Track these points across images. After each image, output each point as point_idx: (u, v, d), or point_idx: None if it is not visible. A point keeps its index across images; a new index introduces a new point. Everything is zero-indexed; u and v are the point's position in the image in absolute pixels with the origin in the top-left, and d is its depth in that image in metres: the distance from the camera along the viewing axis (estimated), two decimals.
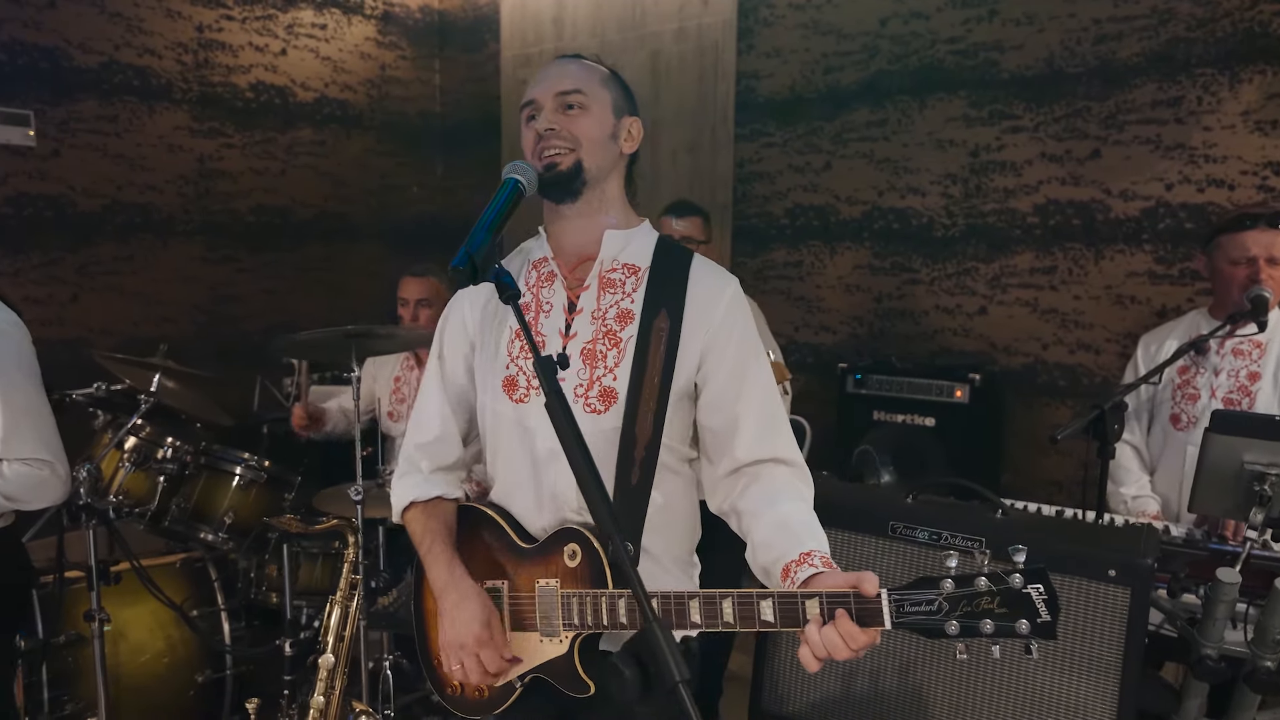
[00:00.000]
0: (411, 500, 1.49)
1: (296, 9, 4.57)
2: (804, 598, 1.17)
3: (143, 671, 2.81)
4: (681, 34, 4.36)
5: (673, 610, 1.24)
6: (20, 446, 1.95)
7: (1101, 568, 1.50)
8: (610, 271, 1.45)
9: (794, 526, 1.31)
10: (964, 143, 3.56)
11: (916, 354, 3.69)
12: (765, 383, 1.44)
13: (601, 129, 1.41)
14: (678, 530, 1.48)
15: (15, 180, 3.66)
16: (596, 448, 1.36)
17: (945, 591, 1.09)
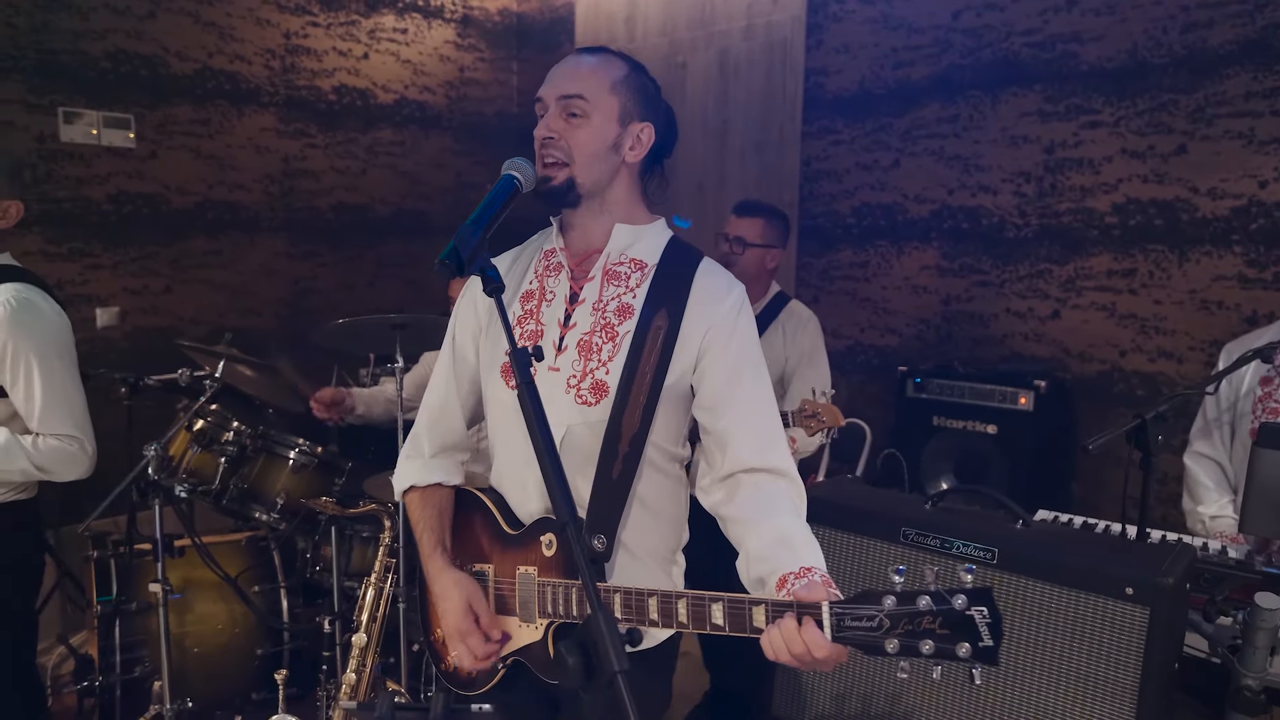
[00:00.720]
0: (411, 484, 1.53)
1: (379, 14, 4.73)
2: (751, 604, 1.15)
3: (207, 641, 2.97)
4: (750, 31, 4.32)
5: (634, 605, 1.24)
6: (54, 423, 2.08)
7: (1118, 584, 1.41)
8: (616, 264, 1.46)
9: (794, 542, 1.28)
10: (1038, 139, 3.41)
11: (985, 359, 3.56)
12: (763, 392, 1.43)
13: (600, 140, 1.41)
14: (661, 528, 1.48)
15: (116, 179, 3.91)
16: (582, 439, 1.39)
17: (886, 608, 1.05)
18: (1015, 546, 1.54)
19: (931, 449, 3.31)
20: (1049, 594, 1.49)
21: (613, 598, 1.26)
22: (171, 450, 2.88)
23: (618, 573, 1.41)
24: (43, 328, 2.08)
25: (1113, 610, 1.42)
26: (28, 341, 2.04)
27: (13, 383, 2.04)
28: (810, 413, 2.41)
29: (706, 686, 3.23)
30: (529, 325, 1.46)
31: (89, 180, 3.84)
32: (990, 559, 1.55)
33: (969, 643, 1.00)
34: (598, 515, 1.37)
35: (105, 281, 3.93)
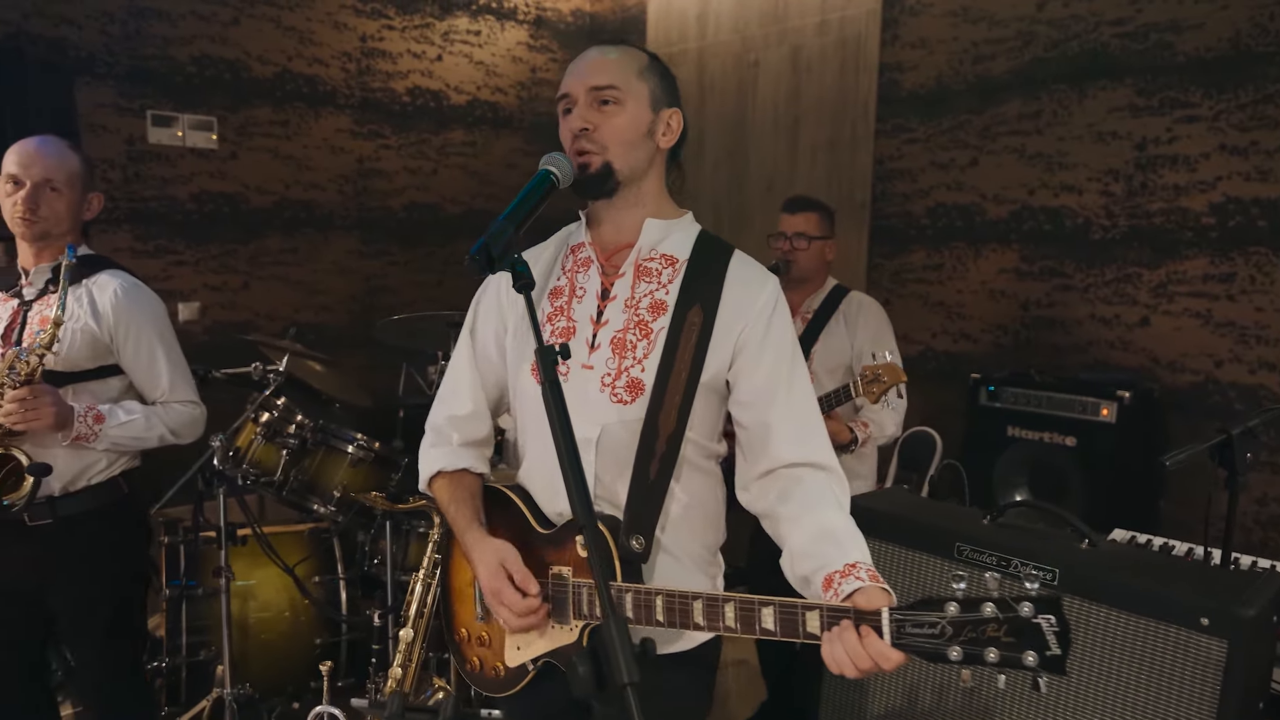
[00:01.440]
0: (439, 469, 1.50)
1: (453, 17, 4.78)
2: (804, 609, 1.10)
3: (269, 628, 3.03)
4: (823, 27, 4.21)
5: (676, 610, 1.20)
6: (180, 391, 2.23)
7: (1193, 614, 1.28)
8: (648, 260, 1.42)
9: (838, 535, 1.24)
10: (1128, 135, 3.22)
11: (1067, 367, 3.37)
12: (802, 384, 1.39)
13: (636, 127, 1.38)
14: (698, 528, 1.43)
15: (199, 179, 4.05)
16: (618, 438, 1.36)
17: (949, 615, 1.00)
18: (1079, 568, 1.42)
19: (1005, 461, 3.15)
20: (1116, 621, 1.37)
21: (655, 600, 1.22)
22: (239, 441, 2.95)
23: (658, 575, 1.37)
24: (153, 307, 2.22)
25: (1186, 641, 1.30)
26: (148, 320, 2.17)
27: (135, 360, 2.16)
28: (870, 377, 2.33)
29: (764, 696, 3.15)
30: (559, 322, 1.43)
31: (174, 180, 3.98)
32: (1051, 580, 1.44)
33: (1035, 651, 0.96)
34: (636, 516, 1.33)
35: (187, 277, 4.07)
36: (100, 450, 2.11)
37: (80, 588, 2.18)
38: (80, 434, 2.05)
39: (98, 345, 2.12)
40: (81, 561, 2.16)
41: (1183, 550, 1.71)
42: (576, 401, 1.35)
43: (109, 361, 2.15)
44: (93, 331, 2.11)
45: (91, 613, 2.20)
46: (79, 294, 2.13)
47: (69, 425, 2.03)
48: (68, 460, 2.09)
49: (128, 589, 2.30)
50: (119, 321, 2.12)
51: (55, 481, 2.10)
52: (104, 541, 2.19)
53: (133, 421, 2.11)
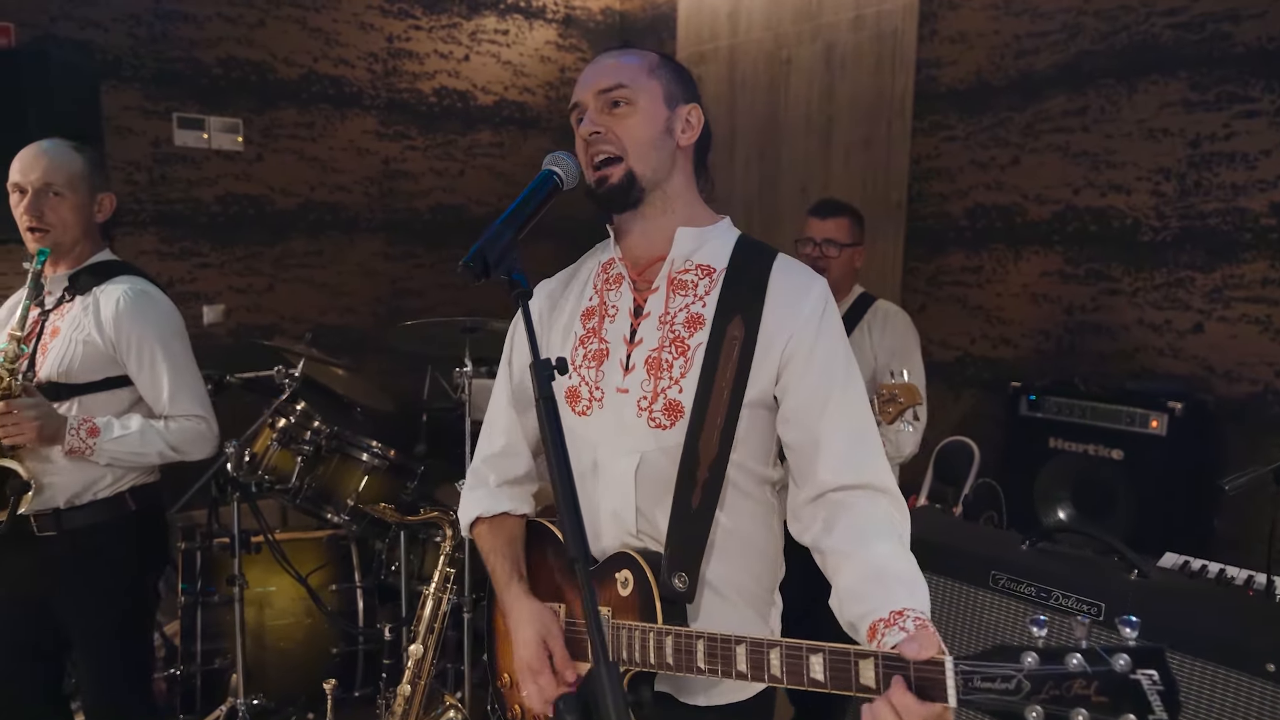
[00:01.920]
0: (478, 515, 1.42)
1: (481, 16, 4.73)
2: (857, 656, 0.97)
3: (286, 636, 2.97)
4: (858, 22, 4.08)
5: (719, 654, 1.09)
6: (183, 405, 2.13)
7: (1256, 659, 1.15)
8: (682, 273, 1.31)
9: (888, 577, 1.10)
10: (1181, 131, 3.05)
11: (1113, 375, 3.21)
12: (855, 398, 1.25)
13: (652, 126, 1.29)
14: (750, 562, 1.31)
15: (224, 181, 4.03)
16: (658, 466, 1.25)
17: (1026, 668, 0.85)
18: (1126, 601, 1.30)
19: (1047, 474, 3.00)
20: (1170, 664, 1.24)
21: (695, 644, 1.11)
22: (256, 447, 2.90)
23: (704, 617, 1.26)
24: (160, 315, 2.14)
25: (1248, 690, 1.17)
26: (151, 330, 2.09)
27: (139, 370, 2.09)
28: (887, 396, 2.20)
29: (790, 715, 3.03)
30: (592, 344, 1.33)
31: (199, 182, 3.97)
32: (1096, 615, 1.31)
33: (1135, 714, 0.81)
34: (678, 551, 1.22)
35: (212, 280, 4.05)
36: (102, 465, 2.05)
37: (83, 600, 2.14)
38: (74, 447, 1.98)
39: (101, 356, 2.06)
40: (84, 575, 2.12)
41: (1241, 578, 1.56)
42: (613, 428, 1.28)
43: (115, 373, 2.09)
44: (95, 342, 2.05)
45: (94, 626, 2.16)
46: (88, 303, 2.08)
47: (59, 438, 1.96)
48: (71, 474, 2.04)
49: (131, 604, 2.25)
50: (120, 331, 2.06)
51: (59, 494, 2.05)
52: (107, 557, 2.13)
53: (128, 436, 2.03)
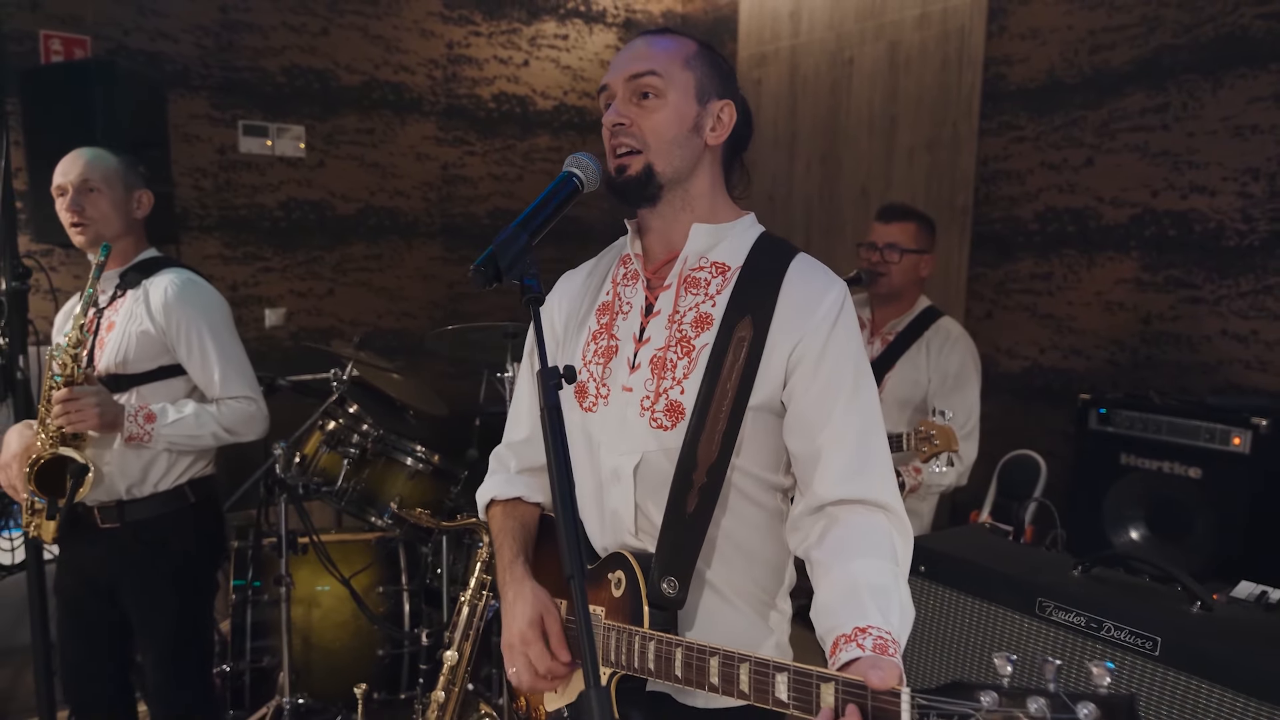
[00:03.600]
0: (492, 498, 1.43)
1: (540, 21, 4.74)
2: (819, 680, 0.93)
3: (332, 637, 3.00)
4: (924, 20, 3.95)
5: (694, 665, 1.06)
6: (233, 387, 2.22)
7: None
8: (695, 270, 1.28)
9: (861, 592, 1.05)
10: (1272, 129, 2.85)
11: (1193, 389, 3.02)
12: (863, 409, 1.19)
13: (679, 123, 1.24)
14: (754, 569, 1.27)
15: (287, 187, 4.12)
16: (659, 467, 1.23)
17: (984, 707, 0.80)
18: (1186, 636, 1.19)
19: (1117, 493, 2.82)
20: (1226, 703, 1.13)
21: (674, 652, 1.09)
22: (306, 449, 2.94)
23: (701, 618, 1.23)
24: (207, 301, 2.23)
25: None
26: (199, 315, 2.18)
27: (188, 355, 2.18)
28: (924, 434, 2.10)
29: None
30: (603, 341, 1.31)
31: (263, 188, 4.06)
32: (1151, 650, 1.20)
33: None
34: (669, 555, 1.20)
35: (275, 284, 4.13)
36: (159, 450, 2.14)
37: (145, 592, 2.23)
38: (132, 434, 2.07)
39: (155, 345, 2.16)
40: (146, 566, 2.21)
41: None
42: (616, 427, 1.26)
43: (169, 361, 2.19)
44: (149, 331, 2.14)
45: (157, 616, 2.25)
46: (138, 295, 2.18)
47: (118, 424, 2.05)
48: (129, 463, 2.14)
49: (192, 596, 2.34)
50: (170, 318, 2.15)
51: (119, 483, 2.15)
52: (169, 549, 2.23)
53: (183, 420, 2.13)
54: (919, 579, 1.52)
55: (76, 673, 2.30)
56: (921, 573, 1.52)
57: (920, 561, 1.53)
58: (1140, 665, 1.22)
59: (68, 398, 1.97)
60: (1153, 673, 1.20)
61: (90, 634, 2.26)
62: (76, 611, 2.26)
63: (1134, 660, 1.22)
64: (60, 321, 2.33)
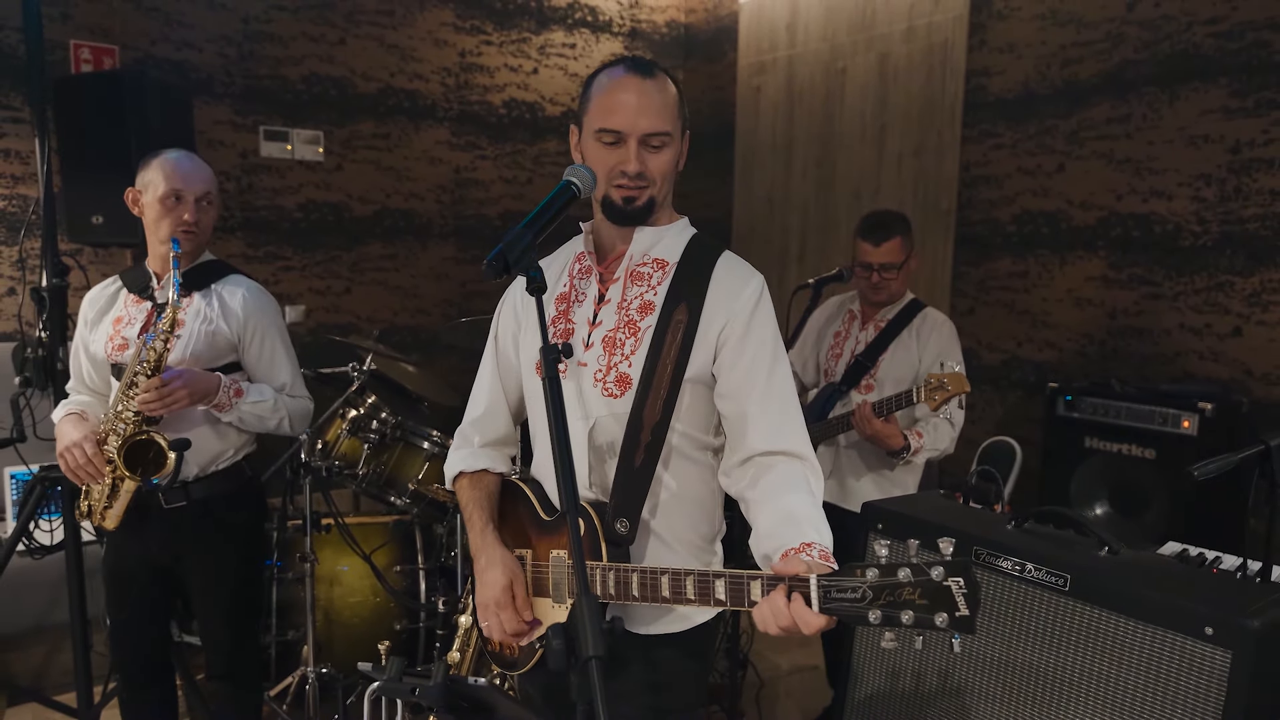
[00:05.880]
0: (460, 471, 1.62)
1: (549, 31, 4.97)
2: (749, 579, 1.19)
3: (352, 613, 3.21)
4: (911, 33, 4.18)
5: (648, 584, 1.30)
6: (298, 388, 2.42)
7: (1196, 623, 1.26)
8: (640, 265, 1.52)
9: (798, 518, 1.31)
10: (1222, 138, 3.08)
11: (1155, 378, 3.25)
12: (781, 378, 1.46)
13: (675, 162, 1.50)
14: (690, 515, 1.51)
15: (306, 190, 4.35)
16: (609, 430, 1.46)
17: (869, 580, 1.07)
18: (1092, 574, 1.42)
19: (1083, 473, 3.06)
20: (1122, 628, 1.36)
21: (630, 577, 1.32)
22: (328, 435, 3.15)
23: (649, 558, 1.47)
24: (276, 311, 2.41)
25: (1190, 651, 1.28)
26: (272, 324, 2.36)
27: (258, 356, 2.35)
28: (935, 384, 2.34)
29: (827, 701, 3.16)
30: (561, 325, 1.54)
31: (283, 191, 4.29)
32: (1063, 585, 1.43)
33: (946, 612, 1.01)
34: (620, 501, 1.42)
35: (294, 282, 4.37)
36: (226, 422, 2.26)
37: (210, 565, 2.36)
38: (219, 402, 2.21)
39: (223, 345, 2.28)
40: (211, 541, 2.33)
41: (1232, 565, 1.65)
42: (573, 397, 1.48)
43: (230, 359, 2.32)
44: (223, 332, 2.27)
45: (219, 588, 2.38)
46: (209, 297, 2.30)
47: (214, 393, 2.19)
48: (202, 445, 2.25)
49: (250, 566, 2.49)
50: (248, 321, 2.29)
51: (192, 465, 2.25)
52: (231, 522, 2.36)
53: (264, 402, 2.28)
54: (878, 536, 1.76)
55: (125, 641, 2.40)
56: (879, 530, 1.75)
57: (879, 521, 1.76)
58: (1054, 599, 1.45)
59: (159, 384, 2.09)
60: (1065, 604, 1.44)
61: (140, 607, 2.38)
62: (128, 587, 2.36)
63: (1049, 595, 1.45)
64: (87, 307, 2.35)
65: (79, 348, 2.33)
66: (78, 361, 2.34)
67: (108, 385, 2.28)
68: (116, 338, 2.25)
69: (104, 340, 2.26)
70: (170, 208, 2.22)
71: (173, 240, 2.17)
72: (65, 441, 2.17)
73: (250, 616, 2.54)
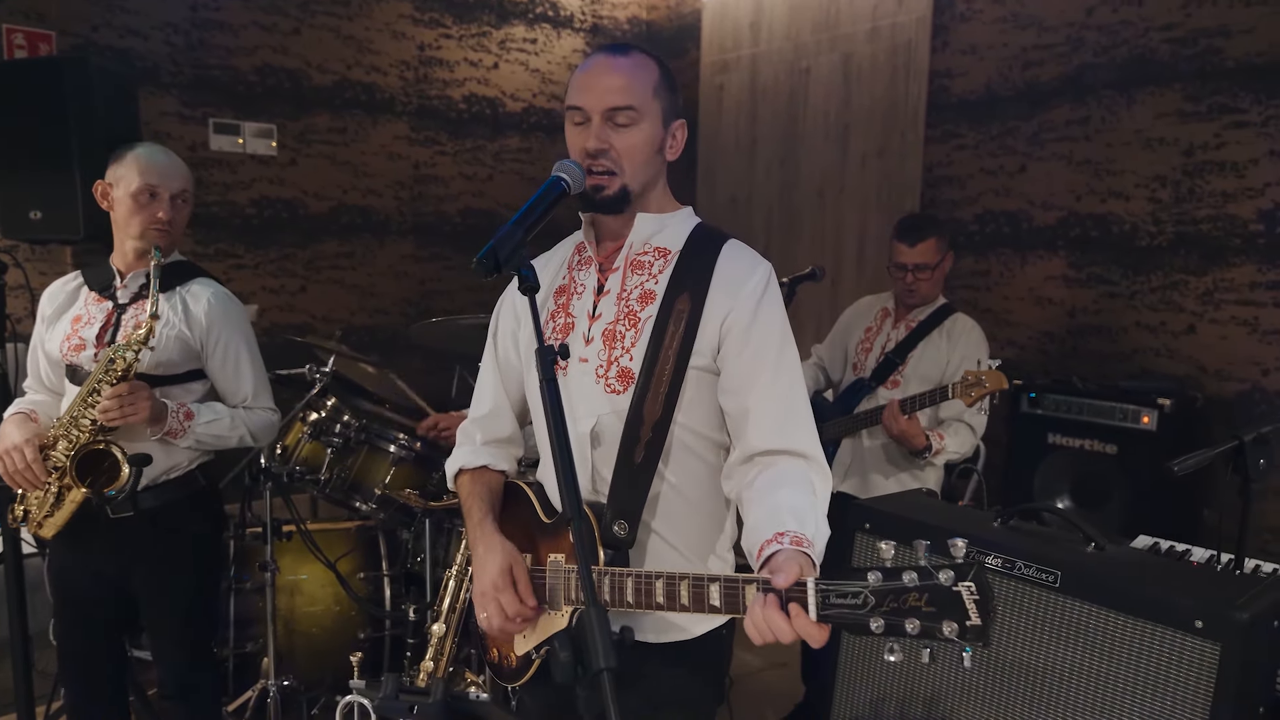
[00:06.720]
0: (460, 468, 1.56)
1: (510, 25, 4.91)
2: (744, 583, 1.11)
3: (313, 622, 3.11)
4: (875, 34, 4.21)
5: (643, 589, 1.23)
6: (262, 398, 2.30)
7: (1187, 616, 1.28)
8: (641, 254, 1.45)
9: (781, 510, 1.21)
10: (1176, 141, 3.16)
11: (1112, 375, 3.32)
12: (788, 372, 1.37)
13: (650, 146, 1.40)
14: (696, 516, 1.43)
15: (259, 185, 4.23)
16: (612, 427, 1.38)
17: (871, 585, 0.97)
18: (1081, 570, 1.43)
19: (1046, 468, 3.12)
20: (1113, 622, 1.38)
21: (625, 582, 1.25)
22: (287, 440, 3.04)
23: (650, 561, 1.39)
24: (240, 317, 2.30)
25: (1181, 644, 1.30)
26: (238, 331, 2.25)
27: (222, 365, 2.24)
28: (973, 381, 2.36)
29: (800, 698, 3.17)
30: (560, 319, 1.47)
31: (235, 186, 4.16)
32: (1052, 582, 1.45)
33: (956, 621, 0.92)
34: (619, 501, 1.35)
35: (247, 280, 4.24)
36: (184, 447, 2.17)
37: (161, 577, 2.24)
38: (171, 429, 2.10)
39: (188, 350, 2.18)
40: (162, 551, 2.21)
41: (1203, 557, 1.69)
42: (575, 395, 1.40)
43: (196, 366, 2.22)
44: (186, 337, 2.17)
45: (174, 602, 2.26)
46: (173, 300, 2.19)
47: (162, 420, 2.08)
48: (156, 458, 2.14)
49: (204, 577, 2.38)
50: (211, 328, 2.19)
51: (143, 477, 2.12)
52: (183, 533, 2.25)
53: (218, 421, 2.18)
54: (865, 535, 1.76)
55: (77, 664, 2.29)
56: (867, 529, 1.75)
57: (866, 520, 1.77)
58: (1044, 595, 1.46)
59: (127, 392, 1.99)
60: (1054, 601, 1.45)
61: (89, 622, 2.26)
62: (76, 601, 2.26)
63: (1039, 591, 1.47)
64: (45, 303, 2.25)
65: (37, 345, 2.22)
66: (35, 360, 2.23)
67: (63, 386, 2.19)
68: (74, 337, 2.14)
69: (60, 339, 2.15)
70: (144, 204, 2.12)
71: (155, 249, 2.06)
72: (5, 444, 2.06)
73: (207, 630, 2.44)
